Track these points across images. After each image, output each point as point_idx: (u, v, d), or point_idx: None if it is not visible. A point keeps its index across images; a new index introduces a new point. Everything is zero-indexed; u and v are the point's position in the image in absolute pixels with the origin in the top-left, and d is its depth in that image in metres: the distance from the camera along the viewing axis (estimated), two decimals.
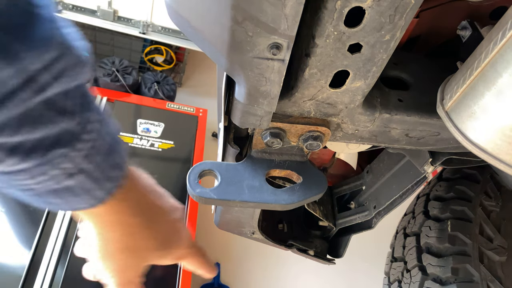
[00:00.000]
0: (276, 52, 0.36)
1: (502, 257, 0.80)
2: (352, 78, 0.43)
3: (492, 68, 0.38)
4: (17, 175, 0.28)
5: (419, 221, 0.88)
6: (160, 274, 1.46)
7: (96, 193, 0.33)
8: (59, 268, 1.33)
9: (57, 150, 0.28)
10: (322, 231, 0.92)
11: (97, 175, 0.32)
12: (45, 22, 0.24)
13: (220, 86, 0.47)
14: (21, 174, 0.28)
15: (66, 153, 0.29)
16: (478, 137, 0.41)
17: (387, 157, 0.79)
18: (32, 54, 0.24)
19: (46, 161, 0.28)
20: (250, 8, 0.33)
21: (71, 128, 0.28)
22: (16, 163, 0.27)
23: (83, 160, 0.30)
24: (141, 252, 0.41)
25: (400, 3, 0.35)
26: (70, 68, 0.26)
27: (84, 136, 0.30)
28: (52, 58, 0.25)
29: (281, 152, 0.56)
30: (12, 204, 1.45)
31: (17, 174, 0.28)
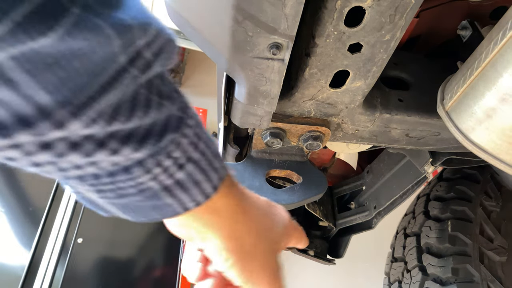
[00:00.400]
0: (276, 52, 0.36)
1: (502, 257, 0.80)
2: (352, 78, 0.43)
3: (493, 68, 0.38)
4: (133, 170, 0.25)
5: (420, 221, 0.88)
6: (159, 274, 1.46)
7: (204, 186, 0.30)
8: (58, 268, 1.33)
9: (168, 136, 0.26)
10: (322, 231, 0.92)
11: (204, 165, 0.29)
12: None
13: (220, 86, 0.47)
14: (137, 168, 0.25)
15: (176, 139, 0.26)
16: (478, 137, 0.41)
17: (387, 157, 0.79)
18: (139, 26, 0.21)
19: (160, 149, 0.26)
20: (250, 8, 0.33)
21: (175, 113, 0.26)
22: (131, 152, 0.24)
23: (190, 147, 0.28)
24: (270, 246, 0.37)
25: (400, 3, 0.35)
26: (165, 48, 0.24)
27: (188, 121, 0.27)
28: (153, 35, 0.22)
29: (281, 152, 0.56)
30: (12, 204, 1.45)
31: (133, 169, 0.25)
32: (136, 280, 1.43)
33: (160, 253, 1.50)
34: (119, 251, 1.47)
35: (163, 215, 0.30)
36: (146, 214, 0.30)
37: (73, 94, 0.20)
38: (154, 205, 0.29)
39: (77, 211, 1.48)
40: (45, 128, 0.20)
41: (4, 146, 0.20)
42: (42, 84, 0.19)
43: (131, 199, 0.28)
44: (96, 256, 1.42)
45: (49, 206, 1.45)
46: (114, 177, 0.26)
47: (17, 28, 0.17)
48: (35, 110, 0.20)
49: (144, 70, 0.23)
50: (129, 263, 1.46)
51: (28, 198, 1.49)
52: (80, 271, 1.36)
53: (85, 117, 0.21)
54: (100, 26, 0.19)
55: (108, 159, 0.24)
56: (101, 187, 0.27)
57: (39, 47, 0.18)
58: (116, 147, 0.24)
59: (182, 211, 0.30)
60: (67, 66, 0.19)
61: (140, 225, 1.55)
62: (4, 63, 0.17)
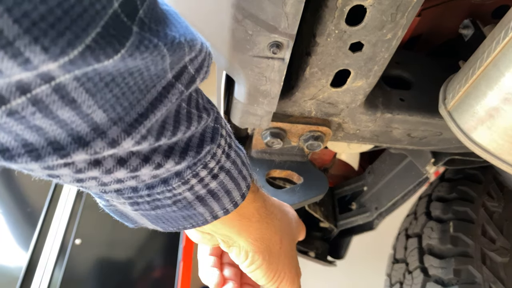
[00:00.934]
0: (277, 51, 0.36)
1: (504, 258, 0.79)
2: (354, 77, 0.43)
3: (495, 67, 0.37)
4: (171, 182, 0.26)
5: (421, 222, 0.88)
6: (158, 275, 1.45)
7: (234, 194, 0.30)
8: (57, 269, 1.32)
9: (206, 147, 0.26)
10: (323, 233, 0.92)
11: (234, 173, 0.30)
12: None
13: (219, 86, 0.46)
14: (175, 180, 0.26)
15: (213, 150, 0.27)
16: (480, 137, 0.41)
17: (388, 157, 0.79)
18: (187, 43, 0.21)
19: (197, 160, 0.26)
20: (250, 6, 0.32)
21: (210, 124, 0.27)
22: (173, 166, 0.25)
23: (223, 156, 0.28)
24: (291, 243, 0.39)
25: (401, 1, 0.34)
26: (205, 62, 0.25)
27: (222, 130, 0.28)
28: (198, 50, 0.23)
29: (281, 152, 0.56)
30: (10, 205, 1.45)
31: (171, 181, 0.26)
32: (135, 280, 1.42)
33: (159, 253, 1.50)
34: (117, 252, 1.46)
35: (193, 224, 0.31)
36: (177, 224, 0.30)
37: (125, 111, 0.20)
38: (186, 215, 0.29)
39: (75, 212, 1.48)
40: (100, 146, 0.20)
41: (57, 165, 0.20)
42: (100, 103, 0.19)
43: (164, 210, 0.28)
44: (95, 257, 1.42)
45: (47, 207, 1.45)
46: (152, 189, 0.26)
47: (87, 51, 0.17)
48: (91, 129, 0.20)
49: (189, 85, 0.23)
50: (128, 263, 1.45)
51: (26, 199, 1.48)
52: (78, 272, 1.36)
53: (137, 135, 0.21)
54: (157, 46, 0.19)
55: (150, 173, 0.24)
56: (137, 199, 0.27)
57: (100, 67, 0.18)
58: (160, 161, 0.24)
59: (212, 220, 0.30)
60: (122, 84, 0.19)
61: None
62: (69, 84, 0.17)
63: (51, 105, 0.18)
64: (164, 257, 1.49)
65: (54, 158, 0.19)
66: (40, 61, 0.16)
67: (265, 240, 0.35)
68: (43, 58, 0.16)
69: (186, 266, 1.46)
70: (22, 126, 0.18)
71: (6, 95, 0.16)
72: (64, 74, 0.17)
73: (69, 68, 0.17)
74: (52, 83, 0.17)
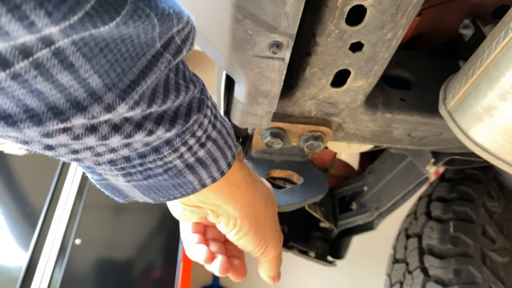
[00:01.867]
0: (277, 51, 0.36)
1: (504, 259, 0.79)
2: (354, 77, 0.43)
3: (495, 67, 0.37)
4: (162, 150, 0.27)
5: (421, 222, 0.88)
6: (158, 275, 1.45)
7: (221, 163, 0.32)
8: (56, 269, 1.32)
9: (193, 116, 0.28)
10: (323, 233, 0.92)
11: (220, 142, 0.31)
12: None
13: (219, 85, 0.46)
14: (166, 148, 0.27)
15: (199, 119, 0.28)
16: (480, 137, 0.41)
17: (389, 157, 0.79)
18: (175, 15, 0.23)
19: (186, 129, 0.28)
20: (250, 6, 0.32)
21: (197, 95, 0.29)
22: (163, 133, 0.26)
23: (209, 126, 0.30)
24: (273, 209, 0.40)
25: (402, 1, 0.34)
26: (190, 34, 0.26)
27: (208, 102, 0.30)
28: (185, 22, 0.24)
29: (281, 152, 0.56)
30: (10, 204, 1.45)
31: (162, 149, 0.27)
32: (135, 280, 1.42)
33: (159, 253, 1.50)
34: (117, 252, 1.46)
35: (183, 193, 0.32)
36: (167, 194, 0.32)
37: (119, 77, 0.21)
38: (177, 184, 0.31)
39: (75, 212, 1.48)
40: (97, 111, 0.21)
41: (56, 131, 0.21)
42: (95, 68, 0.20)
43: (156, 180, 0.30)
44: (95, 257, 1.41)
45: (47, 207, 1.45)
46: (145, 158, 0.27)
47: (86, 17, 0.18)
48: (88, 94, 0.21)
49: (176, 55, 0.25)
50: (128, 263, 1.45)
51: (26, 198, 1.48)
52: (78, 272, 1.36)
53: (130, 100, 0.22)
54: (149, 15, 0.21)
55: (142, 140, 0.26)
56: (130, 169, 0.28)
57: (96, 33, 0.19)
58: (152, 127, 0.25)
59: (201, 188, 0.32)
60: (115, 50, 0.20)
61: (139, 225, 1.54)
62: (68, 48, 0.19)
63: (51, 69, 0.19)
64: (164, 257, 1.49)
65: (54, 123, 0.20)
66: (43, 24, 0.17)
67: (251, 206, 0.37)
68: (46, 21, 0.17)
69: (186, 266, 1.46)
70: (24, 91, 0.19)
71: (10, 58, 0.17)
72: (63, 38, 0.18)
73: (68, 32, 0.18)
74: (52, 47, 0.18)
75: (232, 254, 0.43)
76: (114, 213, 1.56)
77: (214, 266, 0.40)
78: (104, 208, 1.56)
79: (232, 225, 0.37)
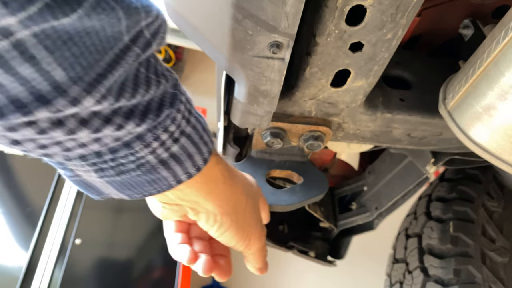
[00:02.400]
0: (277, 51, 0.36)
1: (504, 258, 0.79)
2: (354, 77, 0.43)
3: (495, 67, 0.37)
4: (134, 145, 0.27)
5: (421, 222, 0.88)
6: (158, 275, 1.45)
7: (196, 158, 0.32)
8: (57, 269, 1.32)
9: (165, 110, 0.28)
10: (323, 233, 0.92)
11: (195, 138, 0.31)
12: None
13: (219, 85, 0.46)
14: (137, 143, 0.27)
15: (172, 114, 0.28)
16: (480, 137, 0.41)
17: (388, 157, 0.79)
18: (143, 8, 0.23)
19: (158, 124, 0.27)
20: (250, 6, 0.32)
21: (169, 90, 0.29)
22: (133, 127, 0.26)
23: (183, 121, 0.30)
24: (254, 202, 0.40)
25: (401, 1, 0.34)
26: (160, 29, 0.26)
27: (181, 97, 0.30)
28: (154, 16, 0.24)
29: (281, 152, 0.56)
30: (10, 204, 1.45)
31: (133, 144, 0.27)
32: (135, 281, 1.42)
33: (159, 254, 1.50)
34: (117, 252, 1.46)
35: (158, 189, 0.31)
36: (142, 190, 0.31)
37: (84, 70, 0.21)
38: (151, 179, 0.30)
39: (75, 212, 1.48)
40: (62, 104, 0.21)
41: (20, 125, 0.21)
42: (59, 61, 0.20)
43: (129, 175, 0.29)
44: (95, 257, 1.42)
45: (47, 207, 1.45)
46: (116, 153, 0.27)
47: (45, 8, 0.18)
48: (52, 87, 0.20)
49: (145, 49, 0.24)
50: (128, 263, 1.45)
51: (26, 198, 1.48)
52: (78, 272, 1.36)
53: (96, 94, 0.22)
54: (114, 8, 0.21)
55: (112, 135, 0.26)
56: (102, 165, 0.28)
57: (58, 25, 0.19)
58: (121, 122, 0.25)
59: (176, 184, 0.31)
60: (80, 43, 0.20)
61: (139, 225, 1.54)
62: (28, 40, 0.18)
63: (11, 61, 0.18)
64: (164, 257, 1.49)
65: (17, 116, 0.20)
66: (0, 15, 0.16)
67: (231, 200, 0.36)
68: (2, 12, 0.16)
69: (187, 266, 1.46)
70: None
71: None
72: (22, 30, 0.18)
73: (27, 24, 0.18)
74: (11, 39, 0.18)
75: (218, 252, 0.43)
76: (114, 213, 1.56)
77: (198, 266, 0.39)
78: (104, 208, 1.56)
79: (213, 222, 0.37)
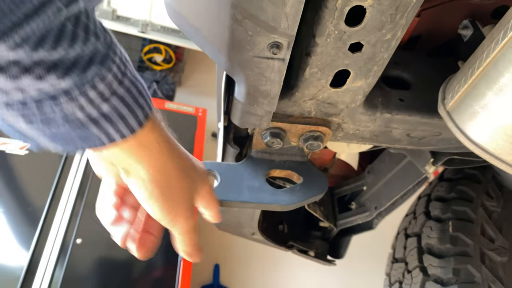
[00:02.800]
0: (276, 51, 0.36)
1: (503, 258, 0.80)
2: (353, 77, 0.43)
3: (494, 68, 0.37)
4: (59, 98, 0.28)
5: (420, 221, 0.88)
6: (159, 275, 1.45)
7: (130, 121, 0.32)
8: (57, 268, 1.32)
9: (93, 68, 0.28)
10: (322, 232, 0.92)
11: (129, 100, 0.32)
12: None
13: (219, 86, 0.47)
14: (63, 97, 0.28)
15: (102, 73, 0.29)
16: (479, 137, 0.41)
17: (388, 157, 0.79)
18: None
19: (85, 80, 0.28)
20: (250, 6, 0.33)
21: (101, 49, 0.29)
22: (56, 80, 0.26)
23: (115, 82, 0.30)
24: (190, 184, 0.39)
25: (401, 2, 0.34)
26: None
27: (114, 57, 0.30)
28: None
29: (281, 152, 0.56)
30: (11, 204, 1.45)
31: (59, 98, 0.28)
32: (136, 280, 1.42)
33: (160, 253, 1.50)
34: (118, 251, 1.46)
35: (91, 145, 0.32)
36: (75, 144, 0.32)
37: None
38: (82, 136, 0.31)
39: (76, 211, 1.48)
40: None
41: None
42: None
43: (59, 129, 0.30)
44: (95, 257, 1.42)
45: (48, 207, 1.45)
46: (41, 104, 0.28)
47: None
48: None
49: (69, 5, 0.25)
50: (129, 263, 1.45)
51: (27, 198, 1.48)
52: (79, 271, 1.36)
53: (10, 41, 0.23)
54: None
55: (34, 85, 0.26)
56: (30, 116, 0.29)
57: None
58: (41, 73, 0.26)
59: (108, 142, 0.32)
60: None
61: None
62: None
63: None
64: (165, 257, 1.49)
65: None
66: None
67: (163, 173, 0.36)
68: None
69: (187, 266, 1.46)
70: None
71: None
72: None
73: None
74: None
75: (148, 229, 0.42)
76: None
77: (116, 232, 0.40)
78: None
79: (141, 188, 0.37)
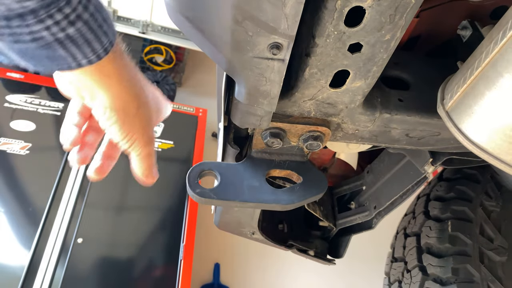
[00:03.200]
0: (276, 52, 0.36)
1: (502, 257, 0.80)
2: (352, 78, 0.43)
3: (493, 68, 0.38)
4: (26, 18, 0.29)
5: (420, 221, 0.88)
6: (159, 274, 1.46)
7: (96, 46, 0.34)
8: (58, 268, 1.33)
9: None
10: (322, 231, 0.92)
11: (94, 26, 0.33)
12: None
13: (220, 86, 0.47)
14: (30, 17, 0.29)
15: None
16: (478, 137, 0.41)
17: (387, 157, 0.79)
18: None
19: (50, 2, 0.29)
20: (250, 7, 0.33)
21: None
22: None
23: (80, 6, 0.32)
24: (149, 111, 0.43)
25: (400, 3, 0.35)
26: None
27: None
28: None
29: (281, 152, 0.56)
30: (12, 204, 1.45)
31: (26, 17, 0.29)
32: (136, 280, 1.43)
33: (160, 253, 1.51)
34: (119, 251, 1.47)
35: (58, 66, 0.34)
36: (44, 64, 0.34)
37: None
38: (50, 56, 0.33)
39: (77, 211, 1.48)
40: None
41: None
42: None
43: (27, 46, 0.32)
44: (96, 256, 1.42)
45: (49, 206, 1.45)
46: (10, 21, 0.29)
47: None
48: None
49: None
50: (130, 262, 1.46)
51: (28, 198, 1.49)
52: (80, 271, 1.36)
53: None
54: None
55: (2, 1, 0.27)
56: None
57: None
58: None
59: (76, 66, 0.34)
60: None
61: (140, 224, 1.55)
62: None
63: None
64: (166, 256, 1.50)
65: None
66: None
67: (122, 100, 0.40)
68: None
69: (187, 265, 1.47)
70: None
71: None
72: None
73: None
74: None
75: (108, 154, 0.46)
76: (116, 212, 1.57)
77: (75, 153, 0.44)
78: (106, 207, 1.56)
79: (102, 112, 0.40)
